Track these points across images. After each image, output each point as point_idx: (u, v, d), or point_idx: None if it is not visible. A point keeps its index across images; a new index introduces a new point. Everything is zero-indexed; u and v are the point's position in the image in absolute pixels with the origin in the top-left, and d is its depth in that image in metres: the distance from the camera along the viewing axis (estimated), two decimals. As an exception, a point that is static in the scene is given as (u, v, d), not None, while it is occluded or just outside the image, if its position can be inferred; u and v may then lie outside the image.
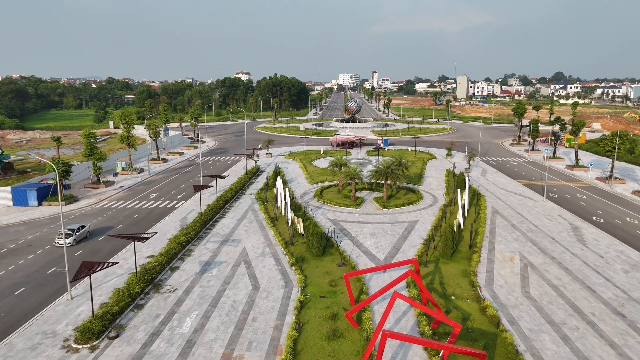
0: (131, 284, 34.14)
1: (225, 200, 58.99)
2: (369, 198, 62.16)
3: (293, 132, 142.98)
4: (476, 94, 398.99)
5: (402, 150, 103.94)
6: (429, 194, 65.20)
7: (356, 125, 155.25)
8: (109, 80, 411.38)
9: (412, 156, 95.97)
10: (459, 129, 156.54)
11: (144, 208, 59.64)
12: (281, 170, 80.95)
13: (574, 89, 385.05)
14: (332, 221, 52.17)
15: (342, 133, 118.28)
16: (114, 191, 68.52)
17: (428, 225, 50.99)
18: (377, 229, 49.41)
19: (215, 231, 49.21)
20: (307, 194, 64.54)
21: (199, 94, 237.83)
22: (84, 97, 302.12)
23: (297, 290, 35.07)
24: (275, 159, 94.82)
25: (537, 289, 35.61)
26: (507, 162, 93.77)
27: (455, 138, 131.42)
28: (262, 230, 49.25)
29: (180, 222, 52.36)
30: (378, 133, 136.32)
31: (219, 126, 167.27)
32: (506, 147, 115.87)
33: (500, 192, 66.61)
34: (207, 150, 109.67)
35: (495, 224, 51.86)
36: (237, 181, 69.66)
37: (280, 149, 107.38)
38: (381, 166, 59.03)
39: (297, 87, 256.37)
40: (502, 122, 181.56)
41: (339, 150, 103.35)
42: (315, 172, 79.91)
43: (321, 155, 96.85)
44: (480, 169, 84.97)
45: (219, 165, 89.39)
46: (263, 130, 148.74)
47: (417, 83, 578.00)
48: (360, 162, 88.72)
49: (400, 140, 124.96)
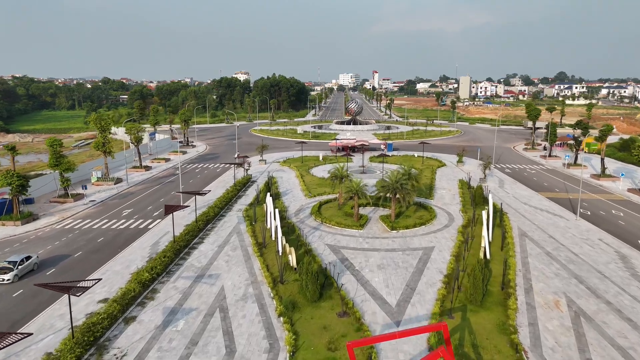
0: (64, 351, 25.67)
1: (206, 220, 50.51)
2: (374, 216, 53.71)
3: (290, 135, 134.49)
4: (479, 94, 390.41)
5: (407, 157, 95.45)
6: (442, 210, 56.74)
7: (357, 128, 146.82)
8: (105, 80, 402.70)
9: (420, 163, 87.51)
10: (465, 131, 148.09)
11: (112, 229, 51.17)
12: (275, 180, 72.52)
13: (580, 89, 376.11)
14: (331, 248, 43.73)
15: (343, 137, 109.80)
16: (83, 207, 60.06)
17: (446, 253, 42.53)
18: (386, 259, 40.96)
19: (190, 262, 40.75)
20: (303, 211, 56.08)
21: (194, 94, 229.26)
22: (77, 97, 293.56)
23: (285, 357, 26.63)
24: (270, 166, 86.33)
25: (600, 354, 27.18)
26: (523, 170, 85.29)
27: (463, 142, 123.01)
28: (246, 261, 40.80)
29: (150, 249, 43.90)
30: (381, 137, 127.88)
31: (213, 128, 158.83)
32: (519, 152, 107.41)
33: (524, 208, 58.14)
34: (196, 156, 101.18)
35: (527, 251, 43.41)
36: (224, 194, 61.19)
37: (276, 155, 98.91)
38: (388, 179, 50.59)
39: (296, 87, 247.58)
40: (509, 124, 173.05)
41: (339, 156, 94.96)
42: (313, 182, 71.44)
43: (320, 162, 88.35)
44: (496, 178, 76.50)
45: (206, 174, 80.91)
46: (259, 134, 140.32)
47: (418, 83, 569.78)
48: (362, 171, 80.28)
49: (405, 144, 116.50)
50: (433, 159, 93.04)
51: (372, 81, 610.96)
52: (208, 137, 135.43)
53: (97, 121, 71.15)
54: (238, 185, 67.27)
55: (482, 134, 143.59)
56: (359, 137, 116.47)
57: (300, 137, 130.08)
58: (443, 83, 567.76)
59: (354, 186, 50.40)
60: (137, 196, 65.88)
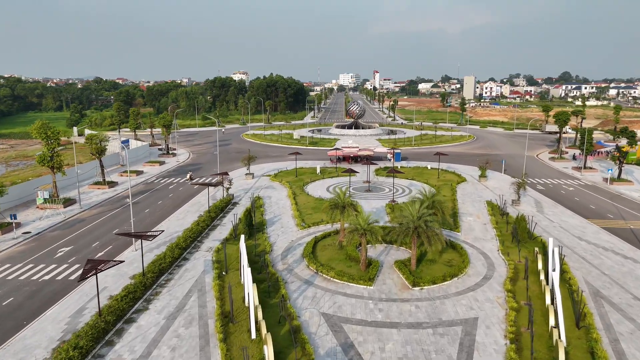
0: None
1: (160, 269, 37.07)
2: (387, 260, 40.33)
3: (286, 140, 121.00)
4: (484, 95, 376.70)
5: (419, 169, 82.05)
6: (475, 249, 43.33)
7: (359, 132, 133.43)
8: (97, 80, 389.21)
9: (435, 177, 74.15)
10: (478, 136, 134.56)
11: (33, 280, 37.79)
12: (261, 202, 59.19)
13: (589, 90, 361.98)
14: (329, 321, 30.32)
15: (344, 144, 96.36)
16: (12, 241, 46.68)
17: (498, 332, 29.11)
18: (411, 345, 27.60)
19: (118, 352, 27.30)
20: (293, 251, 42.68)
21: (186, 95, 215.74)
22: (65, 98, 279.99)
23: None
24: (257, 181, 72.91)
25: None
26: (559, 187, 71.88)
27: (479, 149, 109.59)
28: (202, 350, 27.36)
29: (67, 325, 30.44)
30: (386, 143, 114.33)
31: (202, 133, 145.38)
32: (545, 162, 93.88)
33: (582, 247, 44.68)
34: (174, 167, 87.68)
35: (612, 326, 30.01)
36: (193, 226, 47.80)
37: (266, 166, 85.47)
38: (408, 214, 37.22)
39: (293, 87, 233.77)
40: (523, 127, 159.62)
41: (340, 167, 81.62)
42: (308, 205, 58.02)
43: (317, 177, 74.87)
44: (531, 198, 63.08)
45: (180, 192, 67.53)
46: (251, 139, 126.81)
47: (420, 83, 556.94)
48: (368, 188, 66.92)
49: (414, 152, 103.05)
50: (449, 171, 79.55)
51: (373, 81, 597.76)
52: (195, 143, 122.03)
53: (41, 130, 57.68)
54: (214, 211, 53.89)
55: (497, 139, 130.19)
56: (363, 144, 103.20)
57: (296, 143, 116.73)
58: (445, 83, 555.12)
59: (360, 223, 37.03)
60: (87, 225, 52.40)
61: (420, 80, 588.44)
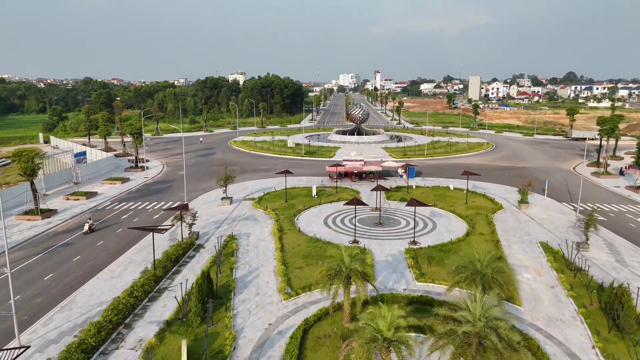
0: None
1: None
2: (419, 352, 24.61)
3: (279, 149, 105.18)
4: (490, 96, 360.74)
5: (439, 189, 66.37)
6: (555, 343, 27.52)
7: (363, 139, 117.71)
8: (86, 80, 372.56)
9: (461, 201, 58.47)
10: (496, 143, 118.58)
11: None
12: (234, 245, 43.42)
13: (600, 90, 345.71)
14: None
15: (346, 157, 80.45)
16: None
17: None
18: None
19: None
20: (269, 352, 26.90)
21: (174, 96, 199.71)
22: (49, 99, 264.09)
23: None
24: (237, 208, 57.12)
25: None
26: (622, 216, 56.01)
27: (502, 159, 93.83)
28: None
29: None
30: (394, 152, 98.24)
31: (188, 139, 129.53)
32: (589, 178, 77.44)
33: None
34: (138, 186, 71.67)
35: None
36: (123, 296, 32.04)
37: (251, 185, 69.74)
38: (466, 319, 21.48)
39: (290, 88, 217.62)
40: (543, 132, 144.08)
41: (341, 185, 65.92)
42: (299, 250, 42.19)
43: (312, 201, 59.05)
44: (599, 238, 47.06)
45: (136, 224, 51.65)
46: (239, 147, 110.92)
47: (422, 84, 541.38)
48: (378, 221, 51.12)
49: (428, 164, 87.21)
50: (478, 193, 63.71)
51: (374, 81, 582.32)
52: (174, 152, 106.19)
53: None
54: (167, 260, 38.14)
55: (519, 147, 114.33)
56: (367, 153, 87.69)
57: (290, 152, 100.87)
58: (448, 84, 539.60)
59: (381, 328, 21.24)
60: (-18, 285, 36.57)
61: (422, 80, 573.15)
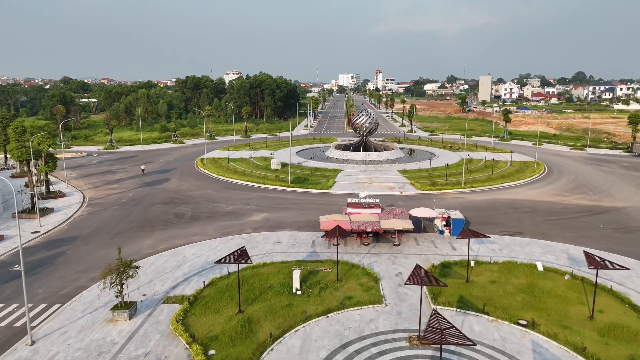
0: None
1: None
2: None
3: (258, 173, 76.53)
4: (503, 97, 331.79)
5: (512, 267, 38.02)
6: None
7: (371, 157, 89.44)
8: (65, 79, 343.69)
9: (577, 311, 30.07)
10: (547, 162, 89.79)
11: None
12: None
13: (624, 91, 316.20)
14: None
15: (351, 200, 50.11)
16: None
17: None
18: None
19: None
20: None
21: (147, 98, 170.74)
22: (12, 101, 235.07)
23: None
24: (133, 338, 28.71)
25: None
26: None
27: (573, 193, 64.37)
28: None
29: None
30: (416, 178, 69.08)
31: (148, 152, 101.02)
32: None
33: None
34: (10, 252, 43.20)
35: None
36: None
37: (190, 255, 41.33)
38: None
39: (283, 88, 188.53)
40: (593, 144, 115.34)
41: (346, 251, 37.43)
42: None
43: (292, 308, 30.56)
44: None
45: None
46: (206, 170, 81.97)
47: (426, 84, 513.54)
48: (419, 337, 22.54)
49: (470, 202, 58.42)
50: (606, 289, 34.69)
51: (375, 82, 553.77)
52: (116, 176, 77.69)
53: None
54: None
55: (579, 168, 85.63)
56: (378, 179, 59.61)
57: (272, 178, 72.01)
58: (452, 84, 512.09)
59: None
60: None
61: (425, 80, 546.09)
